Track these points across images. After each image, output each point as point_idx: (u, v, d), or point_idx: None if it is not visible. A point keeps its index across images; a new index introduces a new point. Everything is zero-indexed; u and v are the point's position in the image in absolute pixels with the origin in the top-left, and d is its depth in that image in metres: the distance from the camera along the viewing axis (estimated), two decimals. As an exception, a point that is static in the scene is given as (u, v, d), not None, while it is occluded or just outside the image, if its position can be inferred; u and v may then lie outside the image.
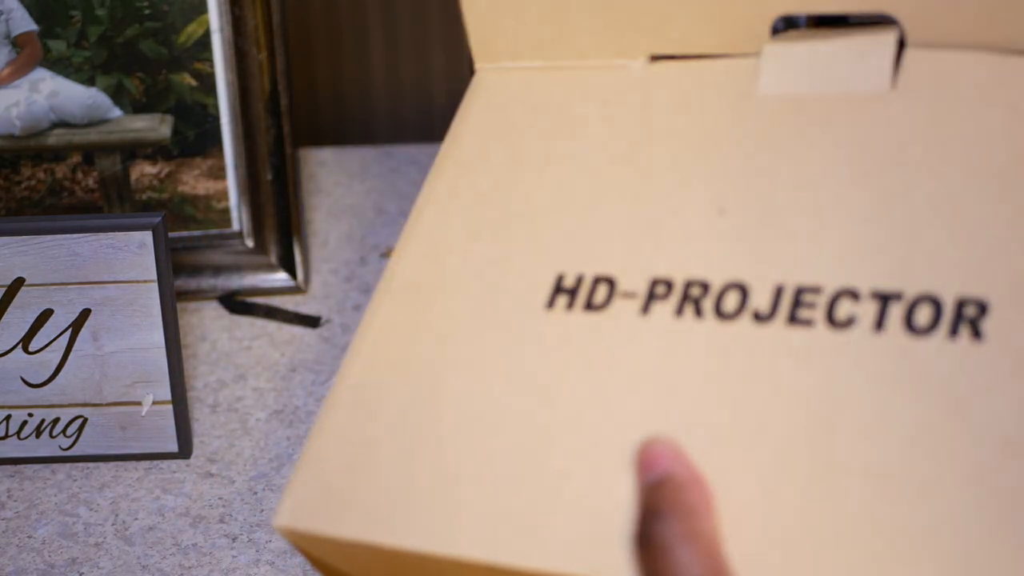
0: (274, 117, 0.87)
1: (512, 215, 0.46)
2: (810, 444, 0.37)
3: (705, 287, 0.41)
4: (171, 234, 0.81)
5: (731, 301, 0.40)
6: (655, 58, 0.48)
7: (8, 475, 0.73)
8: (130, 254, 0.71)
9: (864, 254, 0.39)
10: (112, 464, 0.74)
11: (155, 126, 0.87)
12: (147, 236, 0.71)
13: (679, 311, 0.41)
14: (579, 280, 0.43)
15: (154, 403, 0.73)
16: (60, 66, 0.86)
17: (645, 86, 0.47)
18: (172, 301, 0.72)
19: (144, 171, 0.88)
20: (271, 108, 0.87)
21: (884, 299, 0.38)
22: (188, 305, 0.89)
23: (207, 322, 0.87)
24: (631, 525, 0.38)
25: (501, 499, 0.41)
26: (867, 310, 0.38)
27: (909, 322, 0.37)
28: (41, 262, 0.72)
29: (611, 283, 0.43)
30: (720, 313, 0.40)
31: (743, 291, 0.40)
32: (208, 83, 0.87)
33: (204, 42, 0.86)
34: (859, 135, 0.42)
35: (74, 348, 0.73)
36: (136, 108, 0.87)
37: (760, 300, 0.40)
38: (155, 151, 0.88)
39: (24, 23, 0.85)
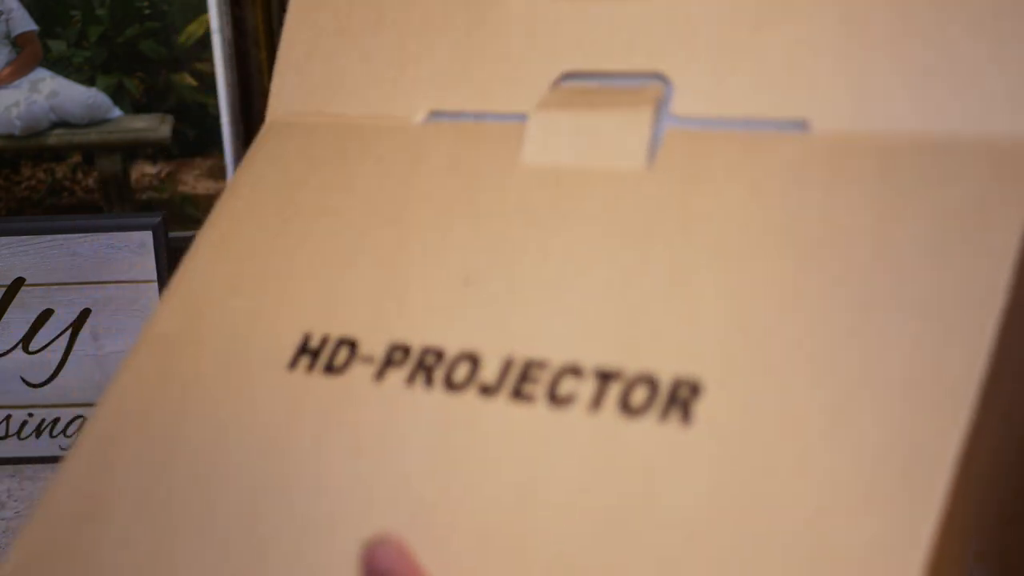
0: (274, 117, 0.87)
1: (273, 270, 0.46)
2: (507, 526, 0.36)
3: (440, 355, 0.41)
4: (171, 234, 0.81)
5: (462, 371, 0.40)
6: (435, 112, 0.47)
7: (8, 475, 0.73)
8: (130, 254, 0.71)
9: (594, 330, 0.39)
10: (112, 464, 0.74)
11: (155, 126, 0.87)
12: (147, 236, 0.71)
13: (410, 379, 0.41)
14: (324, 341, 0.43)
15: (154, 403, 0.73)
16: (60, 66, 0.86)
17: (419, 146, 0.47)
18: (172, 301, 0.72)
19: (144, 171, 0.88)
20: (271, 108, 0.87)
21: (605, 377, 0.38)
22: (188, 305, 0.89)
23: (207, 322, 0.87)
24: None
25: (211, 561, 0.40)
26: (587, 388, 0.38)
27: (625, 402, 0.37)
28: (41, 262, 0.72)
29: (353, 346, 0.42)
30: (450, 383, 0.40)
31: (474, 361, 0.40)
32: (208, 83, 0.87)
33: (204, 42, 0.86)
34: (609, 212, 0.42)
35: (74, 348, 0.73)
36: (136, 108, 0.87)
37: (489, 372, 0.39)
38: (155, 151, 0.88)
39: (24, 23, 0.85)
